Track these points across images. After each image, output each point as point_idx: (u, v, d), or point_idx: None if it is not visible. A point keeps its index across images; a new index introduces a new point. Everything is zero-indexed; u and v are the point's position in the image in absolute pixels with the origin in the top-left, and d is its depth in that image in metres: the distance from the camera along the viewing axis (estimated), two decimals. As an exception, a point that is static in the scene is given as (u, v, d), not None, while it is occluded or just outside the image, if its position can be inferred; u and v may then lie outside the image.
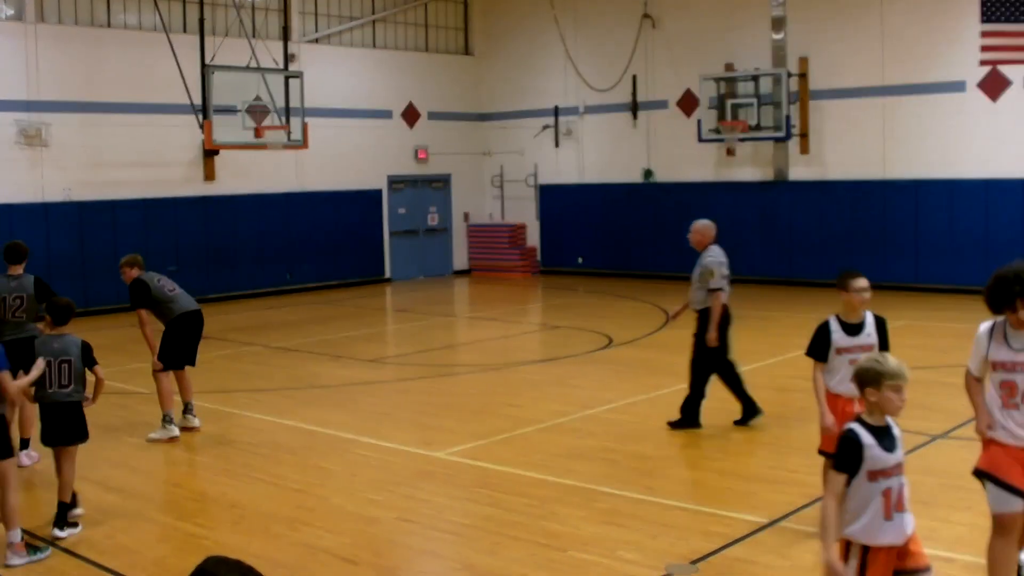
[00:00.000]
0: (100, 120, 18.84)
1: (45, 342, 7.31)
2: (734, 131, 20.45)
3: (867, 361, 4.53)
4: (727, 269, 9.62)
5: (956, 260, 18.58)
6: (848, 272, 6.59)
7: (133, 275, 9.96)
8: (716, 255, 9.60)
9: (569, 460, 8.56)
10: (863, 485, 4.28)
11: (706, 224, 10.02)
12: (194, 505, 7.85)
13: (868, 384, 4.40)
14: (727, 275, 9.59)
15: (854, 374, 4.53)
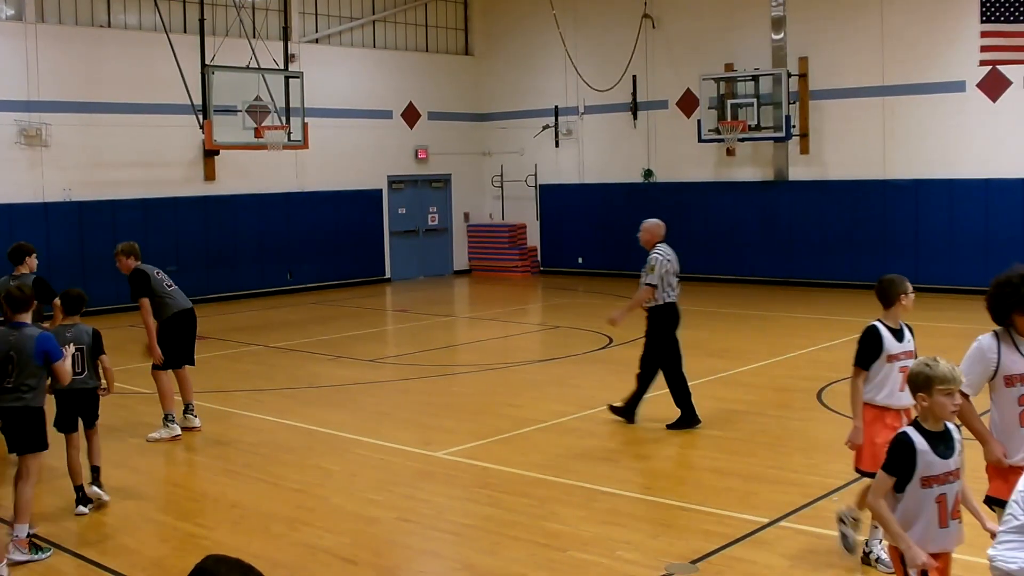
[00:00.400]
0: (100, 120, 18.84)
1: (58, 331, 7.48)
2: (734, 131, 20.45)
3: (917, 365, 4.36)
4: (675, 268, 9.72)
5: (956, 260, 18.58)
6: (896, 277, 6.18)
7: (132, 265, 9.83)
8: (662, 252, 9.69)
9: (569, 460, 8.56)
10: (917, 492, 4.15)
11: (655, 223, 10.14)
12: (194, 505, 7.85)
13: (919, 389, 4.26)
14: (676, 273, 9.71)
15: (908, 378, 4.40)
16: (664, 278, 9.57)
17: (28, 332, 6.76)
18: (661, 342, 9.70)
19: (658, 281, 9.53)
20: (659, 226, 10.06)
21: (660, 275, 9.55)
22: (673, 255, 9.76)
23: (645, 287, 9.54)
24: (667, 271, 9.61)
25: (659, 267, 9.55)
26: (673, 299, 9.69)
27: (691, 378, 11.73)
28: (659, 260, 9.58)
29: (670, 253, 9.75)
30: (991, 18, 16.30)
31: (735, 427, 9.62)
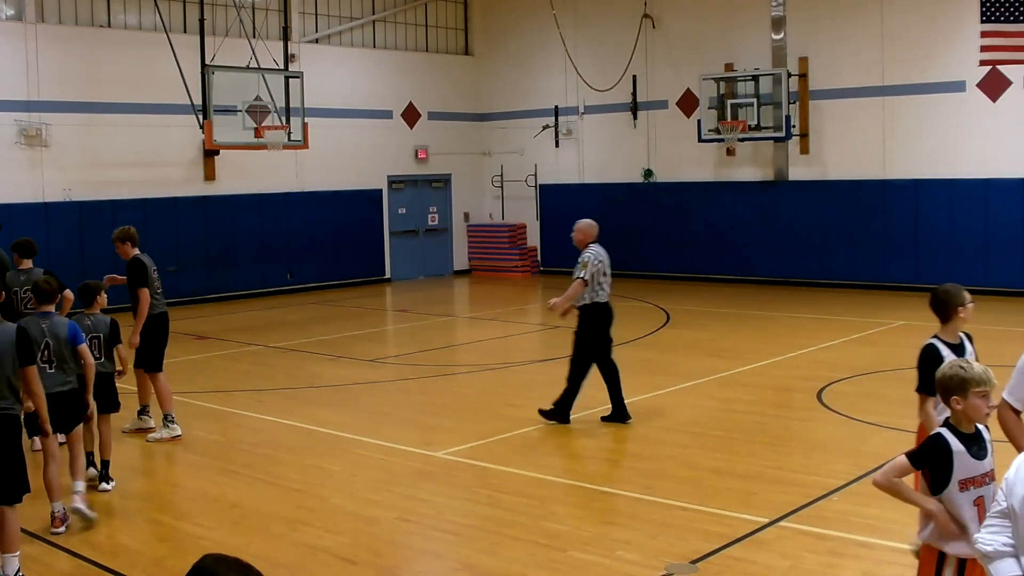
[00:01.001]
0: (100, 120, 18.84)
1: (79, 320, 7.94)
2: (734, 131, 20.45)
3: (951, 368, 4.19)
4: (606, 267, 9.89)
5: (956, 260, 18.58)
6: (953, 287, 5.76)
7: (131, 252, 9.82)
8: (594, 252, 9.85)
9: (569, 460, 8.56)
10: (956, 496, 4.10)
11: (588, 223, 10.21)
12: (194, 505, 7.85)
13: (954, 392, 4.13)
14: (607, 273, 9.88)
15: (937, 382, 4.21)
16: (595, 277, 9.75)
17: (59, 319, 7.47)
18: (591, 340, 9.81)
19: (589, 278, 9.70)
20: (592, 226, 10.17)
21: (591, 273, 9.72)
22: (605, 256, 9.94)
23: (577, 281, 9.69)
24: (598, 271, 9.78)
25: (591, 266, 9.72)
26: (604, 299, 9.86)
27: (691, 378, 11.77)
28: (591, 259, 9.75)
29: (602, 253, 9.92)
30: (991, 18, 16.30)
31: (735, 427, 9.62)
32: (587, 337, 9.83)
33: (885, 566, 6.16)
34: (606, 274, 9.88)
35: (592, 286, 9.74)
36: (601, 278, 9.82)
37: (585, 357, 9.84)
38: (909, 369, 12.52)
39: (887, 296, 18.68)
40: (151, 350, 9.85)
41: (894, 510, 7.02)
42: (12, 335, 6.13)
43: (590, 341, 9.83)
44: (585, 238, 10.02)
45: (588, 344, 9.82)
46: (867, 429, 9.31)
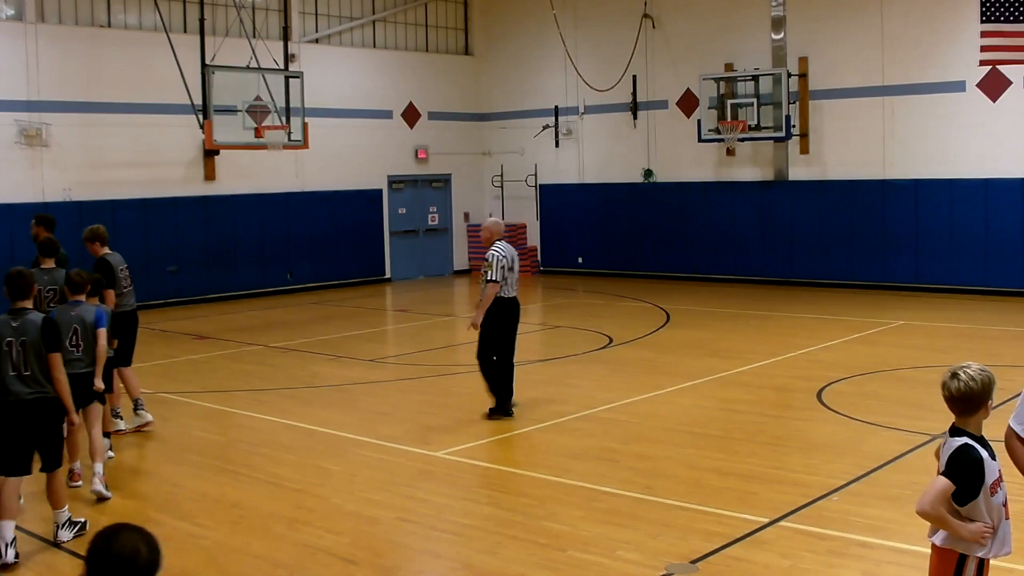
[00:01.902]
0: (100, 120, 18.83)
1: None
2: (734, 131, 20.45)
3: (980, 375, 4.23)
4: (512, 263, 10.07)
5: (956, 260, 18.59)
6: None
7: (102, 252, 9.95)
8: (499, 249, 10.03)
9: (569, 460, 8.56)
10: (988, 501, 4.08)
11: (494, 222, 10.53)
12: (194, 505, 7.85)
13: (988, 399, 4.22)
14: (512, 269, 10.07)
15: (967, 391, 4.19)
16: (502, 273, 9.95)
17: (87, 306, 8.11)
18: (496, 334, 10.03)
19: (499, 276, 9.90)
20: (497, 225, 10.42)
21: (499, 271, 9.92)
22: (510, 252, 10.11)
23: (490, 284, 9.91)
24: (503, 266, 9.96)
25: (495, 263, 9.91)
26: (509, 295, 10.06)
27: (691, 378, 11.77)
28: (495, 256, 9.94)
29: (507, 250, 10.11)
30: (991, 18, 16.30)
31: (735, 427, 9.62)
32: (495, 331, 10.04)
33: (885, 566, 6.16)
34: (512, 270, 10.07)
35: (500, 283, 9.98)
36: (507, 274, 10.00)
37: (491, 352, 10.07)
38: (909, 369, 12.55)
39: (887, 296, 18.68)
40: (120, 347, 9.77)
41: (894, 510, 7.02)
42: (39, 324, 6.81)
43: (495, 335, 10.05)
44: (491, 236, 10.25)
45: (492, 338, 10.05)
46: (867, 429, 9.31)
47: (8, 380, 6.69)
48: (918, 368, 12.09)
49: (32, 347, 6.71)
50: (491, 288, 9.88)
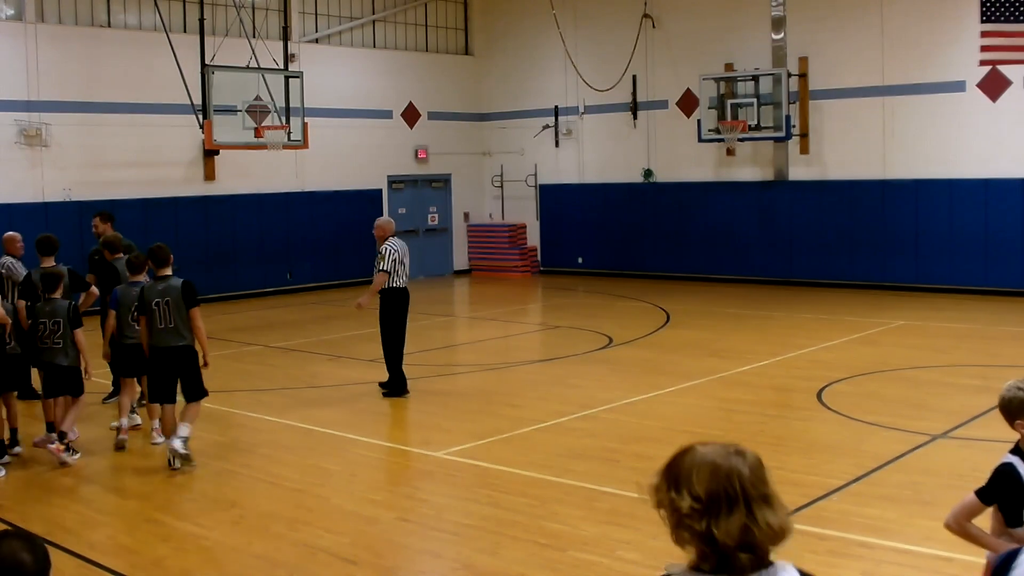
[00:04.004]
0: (100, 120, 18.83)
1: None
2: (734, 131, 20.44)
3: (1010, 391, 4.07)
4: (403, 257, 11.33)
5: (956, 260, 18.58)
6: None
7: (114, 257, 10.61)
8: (391, 244, 11.23)
9: (569, 460, 8.56)
10: None
11: (386, 220, 11.72)
12: (194, 505, 7.85)
13: (1016, 415, 4.04)
14: (404, 262, 11.34)
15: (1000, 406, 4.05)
16: (394, 266, 11.14)
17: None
18: (391, 320, 11.30)
19: (390, 268, 11.10)
20: (390, 223, 11.58)
21: (391, 263, 11.10)
22: (402, 247, 11.35)
23: (380, 273, 11.12)
24: (396, 260, 11.17)
25: (388, 255, 11.11)
26: (401, 284, 11.31)
27: (691, 378, 11.78)
28: (389, 251, 11.15)
29: (400, 245, 11.34)
30: (991, 18, 16.31)
31: (735, 427, 9.61)
32: (388, 317, 11.30)
33: (885, 566, 6.16)
34: (403, 263, 11.30)
35: (392, 274, 11.14)
36: (399, 267, 11.22)
37: (390, 334, 11.29)
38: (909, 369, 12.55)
39: (887, 296, 18.67)
40: None
41: (894, 510, 7.02)
42: (179, 287, 8.58)
43: (388, 321, 11.30)
44: (384, 233, 11.34)
45: (390, 323, 11.30)
46: (867, 429, 9.31)
47: (157, 332, 8.59)
48: (918, 368, 12.09)
49: (174, 305, 8.56)
50: (381, 276, 11.10)
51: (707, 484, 2.22)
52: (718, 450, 2.30)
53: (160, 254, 8.83)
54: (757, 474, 2.25)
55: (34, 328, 8.90)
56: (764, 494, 2.23)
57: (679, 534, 2.24)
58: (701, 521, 2.19)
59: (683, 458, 2.34)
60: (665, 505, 2.29)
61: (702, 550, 2.21)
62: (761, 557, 2.21)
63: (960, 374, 11.78)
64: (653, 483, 2.36)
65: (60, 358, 8.86)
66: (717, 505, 2.20)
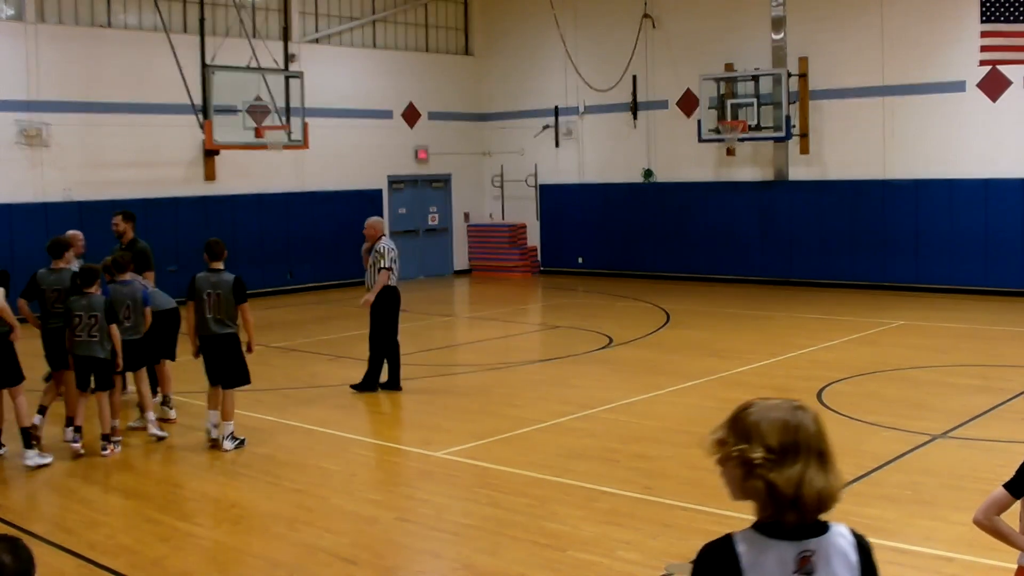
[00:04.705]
0: (100, 120, 18.83)
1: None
2: (734, 131, 20.45)
3: None
4: (397, 257, 11.37)
5: (956, 260, 18.58)
6: None
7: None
8: (387, 242, 11.36)
9: (569, 460, 8.56)
10: None
11: (377, 220, 11.81)
12: (194, 505, 7.85)
13: None
14: (398, 261, 11.36)
15: None
16: (393, 263, 11.19)
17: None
18: (385, 319, 11.28)
19: (391, 265, 11.15)
20: (381, 223, 11.75)
21: (390, 260, 11.17)
22: (395, 246, 11.44)
23: (383, 271, 11.14)
24: (394, 257, 11.25)
25: (388, 254, 11.19)
26: (395, 283, 11.32)
27: (691, 378, 11.78)
28: (387, 248, 11.24)
29: (392, 244, 11.43)
30: (991, 18, 16.30)
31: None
32: (382, 316, 11.28)
33: (885, 566, 6.12)
34: (397, 261, 11.38)
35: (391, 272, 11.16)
36: (395, 264, 11.28)
37: (382, 334, 11.28)
38: (909, 369, 12.54)
39: (887, 296, 18.68)
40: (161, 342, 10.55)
41: (894, 510, 7.02)
42: (231, 281, 9.18)
43: (385, 320, 11.29)
44: (376, 232, 11.45)
45: (384, 323, 11.28)
46: (867, 429, 9.31)
47: (203, 320, 9.20)
48: (918, 368, 12.09)
49: (224, 297, 9.15)
50: (384, 274, 11.10)
51: (779, 436, 2.37)
52: (782, 404, 2.45)
53: (216, 248, 9.38)
54: (819, 429, 2.41)
55: (68, 321, 9.03)
56: (820, 450, 2.39)
57: (749, 484, 2.37)
58: (771, 471, 2.34)
59: (748, 413, 2.45)
60: (733, 457, 2.42)
61: (765, 500, 2.36)
62: (808, 520, 2.37)
63: (960, 374, 11.78)
64: (717, 437, 2.48)
65: (97, 351, 9.03)
66: (784, 455, 2.35)
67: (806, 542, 2.37)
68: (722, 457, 2.47)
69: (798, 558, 2.37)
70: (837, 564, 2.40)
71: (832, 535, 2.41)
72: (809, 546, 2.37)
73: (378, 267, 11.17)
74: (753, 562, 2.36)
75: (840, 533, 2.43)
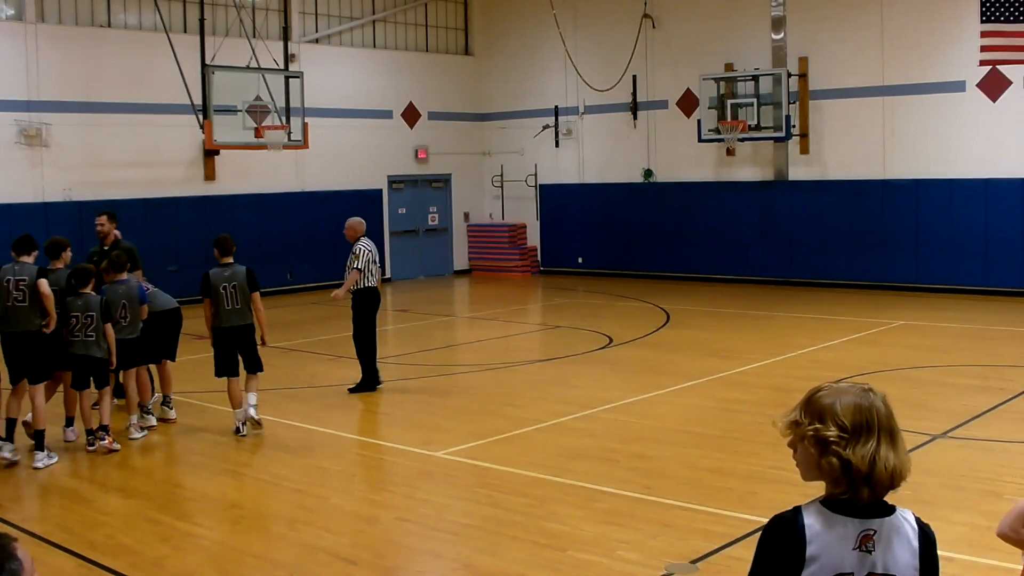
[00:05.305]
0: (100, 120, 18.83)
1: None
2: (734, 131, 20.44)
3: None
4: (376, 257, 11.55)
5: (956, 260, 18.58)
6: None
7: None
8: (364, 244, 11.49)
9: (569, 460, 8.56)
10: None
11: (357, 220, 11.94)
12: (194, 505, 7.85)
13: None
14: (375, 262, 11.51)
15: None
16: (367, 266, 11.33)
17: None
18: (363, 319, 11.43)
19: (363, 267, 11.29)
20: (360, 223, 11.84)
21: (365, 261, 11.30)
22: (374, 248, 11.60)
23: (354, 271, 11.30)
24: (370, 259, 11.38)
25: (362, 255, 11.34)
26: (373, 284, 11.45)
27: (691, 378, 11.78)
28: (363, 250, 11.40)
29: (372, 245, 11.57)
30: (991, 18, 16.30)
31: (735, 427, 9.62)
32: (361, 316, 11.43)
33: (885, 566, 6.15)
34: (375, 262, 11.50)
35: (364, 273, 11.31)
36: (372, 266, 11.40)
37: (363, 333, 11.42)
38: (909, 369, 12.54)
39: (887, 296, 18.67)
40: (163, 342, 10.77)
41: (894, 510, 7.02)
42: (244, 273, 9.76)
43: (362, 320, 11.42)
44: (355, 233, 11.61)
45: (362, 323, 11.43)
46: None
47: (224, 313, 9.71)
48: (918, 368, 12.09)
49: (239, 289, 9.74)
50: (354, 274, 11.28)
51: (852, 416, 2.49)
52: (853, 387, 2.58)
53: (226, 244, 9.95)
54: (888, 410, 2.57)
55: (64, 321, 9.05)
56: (891, 428, 2.53)
57: (824, 462, 2.48)
58: (846, 448, 2.46)
59: (821, 396, 2.57)
60: (808, 437, 2.52)
61: (839, 477, 2.48)
62: (879, 497, 2.51)
63: (960, 374, 11.78)
64: (791, 419, 2.58)
65: (94, 350, 9.10)
66: (858, 434, 2.48)
67: (870, 521, 2.50)
68: (796, 438, 2.56)
69: (860, 535, 2.48)
70: (898, 546, 2.51)
71: (897, 518, 2.54)
72: (872, 525, 2.49)
73: (349, 267, 11.40)
74: (817, 534, 2.47)
75: (905, 518, 2.56)
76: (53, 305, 8.96)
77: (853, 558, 2.47)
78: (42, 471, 8.62)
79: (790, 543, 2.48)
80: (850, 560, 2.47)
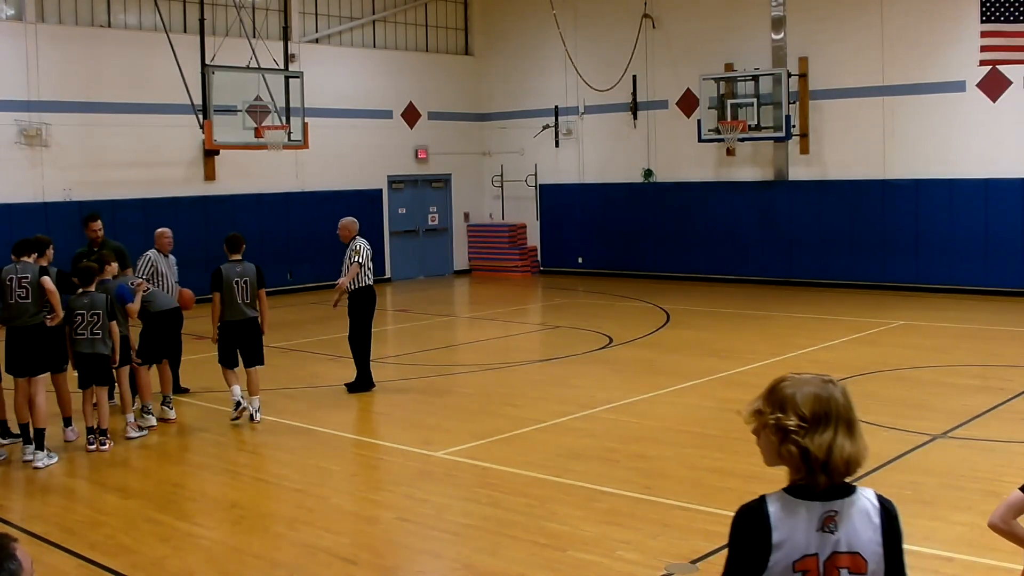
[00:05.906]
0: (100, 120, 18.83)
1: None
2: (734, 131, 20.44)
3: None
4: (373, 256, 11.55)
5: (956, 260, 18.58)
6: None
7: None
8: (362, 242, 11.45)
9: (569, 460, 8.56)
10: None
11: (350, 220, 11.77)
12: (194, 505, 7.85)
13: None
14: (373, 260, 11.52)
15: None
16: (367, 260, 11.32)
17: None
18: (362, 317, 11.40)
19: (365, 261, 11.28)
20: (354, 223, 11.71)
21: (365, 256, 11.28)
22: (368, 245, 11.51)
23: (355, 264, 11.25)
24: (368, 255, 11.36)
25: (363, 249, 11.31)
26: (370, 282, 11.44)
27: (691, 378, 11.78)
28: (363, 245, 11.37)
29: (366, 243, 11.50)
30: (991, 18, 16.30)
31: (735, 427, 9.60)
32: (358, 315, 11.41)
33: (885, 566, 6.15)
34: (372, 260, 11.52)
35: (363, 271, 11.29)
36: (369, 262, 11.39)
37: (360, 332, 11.41)
38: (909, 369, 12.54)
39: (887, 296, 18.68)
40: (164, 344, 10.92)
41: (894, 510, 7.02)
42: (255, 269, 10.41)
43: (360, 318, 11.40)
44: (349, 233, 11.55)
45: (359, 321, 11.41)
46: (867, 429, 9.19)
47: (235, 306, 10.21)
48: (918, 368, 12.09)
49: (250, 284, 10.30)
50: (355, 267, 11.26)
51: (811, 406, 2.60)
52: (814, 379, 2.67)
53: (235, 242, 10.50)
54: (848, 401, 2.65)
55: (68, 320, 9.08)
56: (849, 419, 2.63)
57: (784, 449, 2.61)
58: (804, 437, 2.57)
59: (783, 386, 2.67)
60: (769, 425, 2.64)
61: (798, 464, 2.60)
62: (835, 482, 2.59)
63: (960, 374, 11.78)
64: (754, 408, 2.70)
65: (101, 347, 9.14)
66: (817, 423, 2.59)
67: (831, 503, 2.59)
68: (759, 425, 2.69)
69: (823, 517, 2.58)
70: (859, 523, 2.60)
71: (858, 497, 2.63)
72: (834, 507, 2.59)
73: (349, 261, 11.37)
74: (782, 520, 2.59)
75: (865, 496, 2.65)
76: (59, 300, 8.98)
77: (816, 539, 2.57)
78: (42, 471, 8.62)
79: (757, 530, 2.59)
80: (814, 541, 2.56)
